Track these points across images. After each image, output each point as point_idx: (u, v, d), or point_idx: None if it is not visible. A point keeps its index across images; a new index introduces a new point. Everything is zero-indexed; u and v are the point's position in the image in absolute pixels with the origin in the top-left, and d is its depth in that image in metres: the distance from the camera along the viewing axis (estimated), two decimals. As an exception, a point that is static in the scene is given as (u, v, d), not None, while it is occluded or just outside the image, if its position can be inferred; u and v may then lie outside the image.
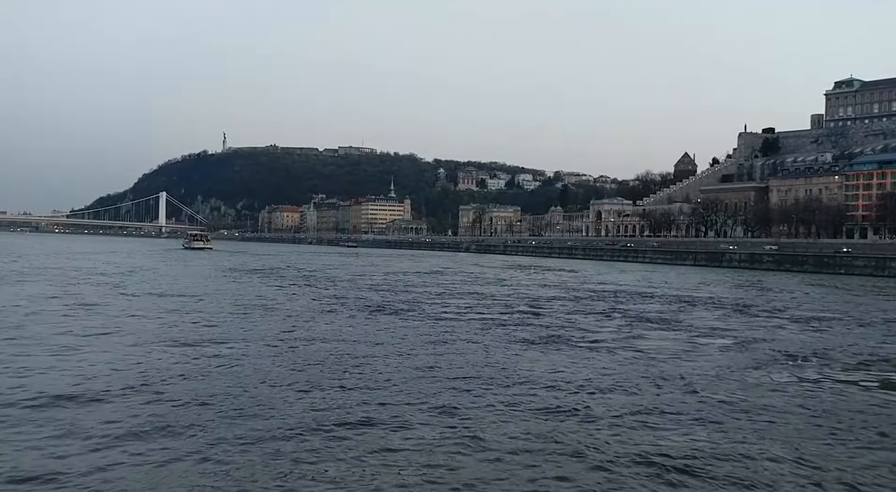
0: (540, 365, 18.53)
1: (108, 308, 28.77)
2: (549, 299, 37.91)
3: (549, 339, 23.13)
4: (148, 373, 16.01)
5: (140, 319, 25.64)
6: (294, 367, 17.37)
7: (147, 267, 64.89)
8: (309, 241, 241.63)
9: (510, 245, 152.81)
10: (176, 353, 18.76)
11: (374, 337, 22.82)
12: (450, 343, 21.82)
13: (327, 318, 27.73)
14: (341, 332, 23.81)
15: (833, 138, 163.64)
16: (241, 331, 23.46)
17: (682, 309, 34.73)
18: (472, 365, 18.21)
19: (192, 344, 20.29)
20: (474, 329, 25.20)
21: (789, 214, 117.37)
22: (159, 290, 38.94)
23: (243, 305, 31.58)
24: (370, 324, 26.18)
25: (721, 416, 13.61)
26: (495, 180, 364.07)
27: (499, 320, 28.01)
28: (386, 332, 24.07)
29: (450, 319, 27.97)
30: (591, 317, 30.01)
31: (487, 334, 23.96)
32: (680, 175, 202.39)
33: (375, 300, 35.53)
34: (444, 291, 43.10)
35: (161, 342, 20.38)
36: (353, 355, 19.19)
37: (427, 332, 24.37)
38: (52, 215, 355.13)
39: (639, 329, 26.56)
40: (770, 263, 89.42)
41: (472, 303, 35.15)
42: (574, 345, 22.09)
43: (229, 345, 20.35)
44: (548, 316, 29.76)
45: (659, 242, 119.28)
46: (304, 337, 22.40)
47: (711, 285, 54.71)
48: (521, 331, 24.95)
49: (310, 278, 53.32)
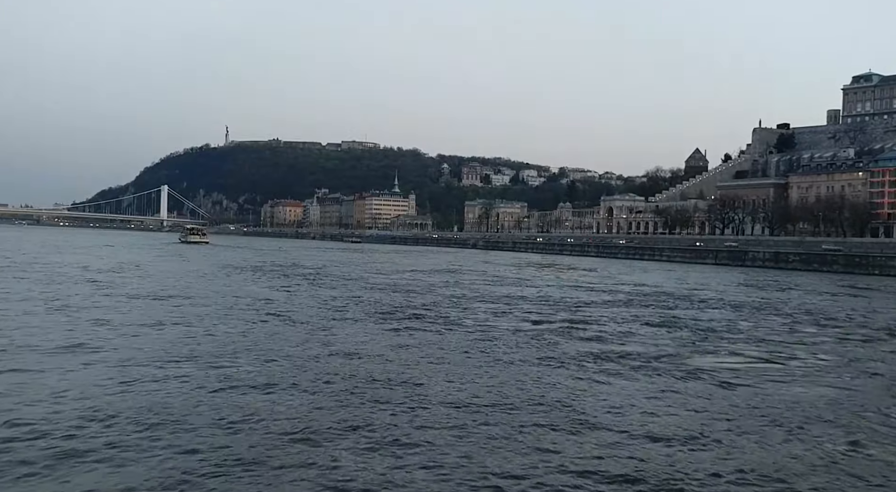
0: (611, 398, 14.35)
1: (83, 313, 24.52)
2: (586, 304, 33.67)
3: (608, 357, 18.93)
4: (116, 421, 11.75)
5: (118, 330, 21.41)
6: (319, 399, 13.24)
7: (140, 262, 60.62)
8: (312, 236, 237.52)
9: (519, 242, 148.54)
10: (159, 380, 14.54)
11: (404, 355, 18.63)
12: (494, 365, 17.63)
13: (345, 327, 23.48)
14: (365, 347, 19.60)
15: (851, 134, 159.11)
16: (244, 345, 19.27)
17: (742, 317, 30.52)
18: (527, 399, 14.01)
19: (183, 364, 16.10)
20: (516, 343, 21.00)
21: (811, 212, 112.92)
22: (149, 290, 34.68)
23: (244, 310, 27.36)
24: (395, 336, 21.98)
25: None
26: (499, 176, 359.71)
27: (540, 331, 23.81)
28: (417, 348, 19.86)
29: (484, 329, 23.77)
30: (645, 327, 25.80)
31: (533, 351, 19.78)
32: (691, 171, 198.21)
33: (394, 303, 31.33)
34: (466, 292, 38.89)
35: (140, 364, 16.16)
36: (387, 381, 15.08)
37: (463, 346, 20.19)
38: (54, 208, 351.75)
39: (712, 343, 22.34)
40: (796, 262, 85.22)
41: (501, 308, 30.92)
42: (643, 366, 17.89)
43: (230, 366, 16.17)
44: (594, 326, 25.52)
45: (683, 239, 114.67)
46: (321, 353, 18.22)
47: (754, 287, 50.40)
48: (571, 346, 20.76)
49: (316, 277, 49.12)
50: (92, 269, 49.36)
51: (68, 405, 12.24)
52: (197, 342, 19.28)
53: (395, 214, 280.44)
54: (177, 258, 71.91)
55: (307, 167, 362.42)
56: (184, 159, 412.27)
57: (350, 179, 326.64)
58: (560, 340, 21.96)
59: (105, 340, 19.29)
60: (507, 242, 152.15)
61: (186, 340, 19.53)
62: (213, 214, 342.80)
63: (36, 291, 31.93)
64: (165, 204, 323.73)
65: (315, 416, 12.20)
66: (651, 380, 16.40)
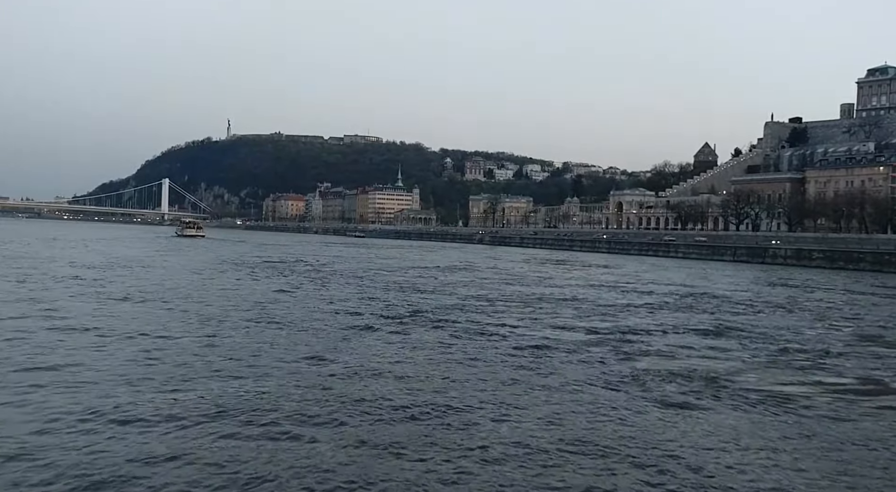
0: (709, 440, 11.30)
1: (57, 321, 21.23)
2: (622, 308, 30.35)
3: (676, 379, 15.71)
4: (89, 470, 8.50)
5: (83, 339, 18.12)
6: (359, 434, 10.24)
7: (131, 258, 57.36)
8: (314, 230, 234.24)
9: (527, 237, 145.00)
10: (144, 418, 11.30)
11: (442, 373, 15.49)
12: (549, 389, 14.41)
13: (364, 338, 20.16)
14: (393, 364, 16.38)
15: (867, 128, 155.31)
16: (249, 359, 16.06)
17: (802, 324, 27.19)
18: (603, 438, 10.96)
19: (171, 388, 12.87)
20: (564, 360, 17.74)
21: (831, 207, 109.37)
22: (133, 289, 31.33)
23: (240, 316, 24.09)
24: (425, 349, 18.71)
25: None
26: (503, 171, 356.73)
27: (584, 343, 20.54)
28: (454, 365, 16.62)
29: (521, 340, 20.51)
30: (700, 338, 22.51)
31: (584, 369, 16.62)
32: (700, 166, 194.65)
33: (413, 306, 28.05)
34: (487, 293, 35.59)
35: (98, 391, 12.89)
36: (432, 411, 12.13)
37: (504, 361, 17.03)
38: (55, 202, 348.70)
39: (786, 358, 19.04)
40: (820, 259, 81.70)
41: (533, 312, 27.65)
42: (723, 391, 14.71)
43: (231, 386, 12.95)
44: (642, 336, 22.17)
45: (706, 236, 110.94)
46: (342, 373, 15.08)
47: (790, 287, 46.99)
48: (627, 364, 17.54)
49: (322, 275, 45.86)
50: (79, 265, 46.19)
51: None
52: (180, 359, 16.00)
53: (399, 208, 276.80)
54: (170, 254, 68.57)
55: (309, 161, 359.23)
56: (185, 153, 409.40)
57: (352, 174, 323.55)
58: (610, 354, 18.69)
59: (66, 355, 15.99)
60: (514, 238, 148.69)
61: (164, 359, 16.24)
62: (215, 207, 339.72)
63: (3, 291, 28.62)
64: (166, 197, 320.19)
65: (361, 463, 9.15)
66: (742, 412, 13.24)
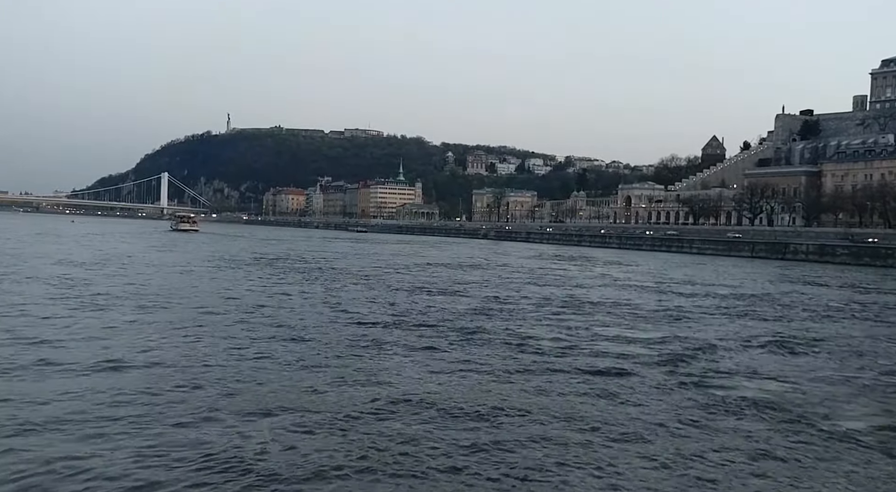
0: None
1: (25, 335, 17.87)
2: (669, 314, 26.92)
3: (762, 412, 12.46)
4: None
5: (71, 365, 14.78)
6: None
7: (124, 253, 54.00)
8: (315, 225, 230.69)
9: (534, 232, 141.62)
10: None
11: (486, 407, 12.07)
12: (638, 433, 11.07)
13: (386, 355, 16.70)
14: (422, 390, 13.01)
15: (882, 120, 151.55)
16: (251, 389, 12.70)
17: (883, 333, 23.89)
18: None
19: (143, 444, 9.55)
20: (634, 386, 14.36)
21: (850, 201, 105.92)
22: (117, 290, 27.98)
23: (237, 324, 20.70)
24: (457, 370, 15.33)
25: None
26: (505, 165, 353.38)
27: (645, 361, 17.20)
28: (499, 393, 13.22)
29: (572, 357, 17.16)
30: (776, 353, 19.19)
31: (663, 398, 13.31)
32: (708, 160, 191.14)
33: (430, 311, 24.70)
34: (509, 294, 32.22)
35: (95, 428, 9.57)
36: (480, 462, 8.75)
37: (567, 389, 13.64)
38: (54, 196, 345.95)
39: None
40: (845, 256, 78.34)
41: (568, 319, 24.27)
42: (830, 433, 11.44)
43: (220, 435, 9.61)
44: (708, 353, 18.63)
45: (720, 230, 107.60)
46: (361, 405, 11.68)
47: (848, 289, 43.51)
48: (703, 392, 14.24)
49: (326, 274, 42.45)
50: (67, 261, 42.88)
51: None
52: (154, 398, 12.61)
53: (401, 202, 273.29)
54: (162, 250, 65.08)
55: (310, 155, 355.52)
56: (185, 146, 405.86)
57: (353, 167, 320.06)
58: (682, 377, 15.32)
59: (22, 379, 12.63)
60: (520, 233, 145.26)
61: (164, 380, 12.86)
62: (215, 202, 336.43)
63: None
64: (165, 192, 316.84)
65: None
66: (862, 466, 9.92)
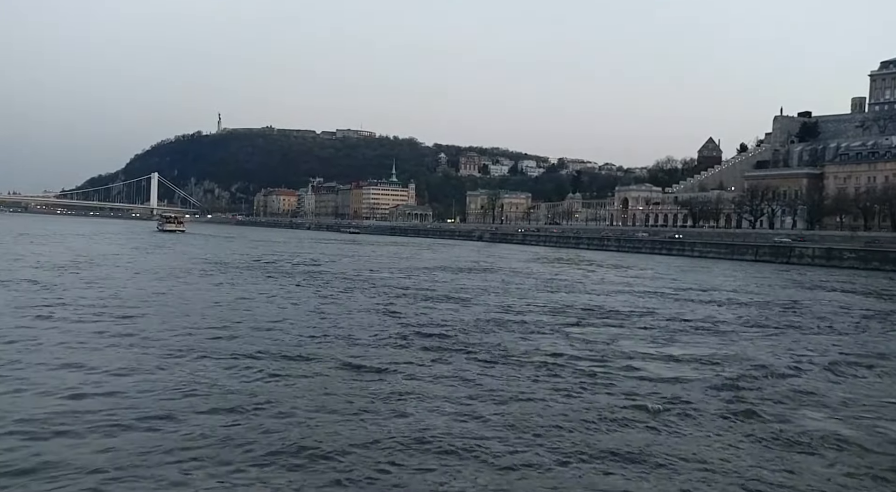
0: None
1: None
2: (704, 326, 24.32)
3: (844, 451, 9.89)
4: None
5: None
6: None
7: (105, 255, 51.14)
8: (307, 226, 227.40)
9: (530, 234, 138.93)
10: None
11: (529, 448, 9.41)
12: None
13: (388, 378, 14.09)
14: (445, 430, 10.33)
15: (881, 122, 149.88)
16: (242, 435, 10.01)
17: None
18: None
19: None
20: (703, 424, 11.77)
21: (855, 204, 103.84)
22: (88, 298, 25.22)
23: (223, 342, 17.97)
24: (487, 398, 12.72)
25: None
26: (498, 166, 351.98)
27: (700, 385, 14.61)
28: (541, 428, 10.57)
29: (611, 384, 14.55)
30: (835, 374, 16.65)
31: (735, 434, 10.65)
32: (704, 162, 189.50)
33: (437, 323, 22.04)
34: (520, 302, 29.59)
35: None
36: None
37: (620, 421, 11.02)
38: (43, 196, 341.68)
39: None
40: (853, 260, 76.07)
41: (593, 333, 21.67)
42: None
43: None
44: (776, 374, 16.15)
45: (724, 233, 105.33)
46: (380, 446, 9.04)
47: (875, 298, 41.01)
48: (790, 426, 11.64)
49: (319, 279, 39.69)
50: (42, 264, 40.03)
51: None
52: (144, 405, 9.91)
53: (394, 203, 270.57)
54: (148, 251, 62.17)
55: (301, 155, 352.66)
56: (175, 147, 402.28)
57: (345, 168, 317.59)
58: (752, 405, 12.74)
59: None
60: (515, 235, 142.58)
61: (123, 410, 10.16)
62: (205, 202, 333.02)
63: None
64: (155, 192, 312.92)
65: None
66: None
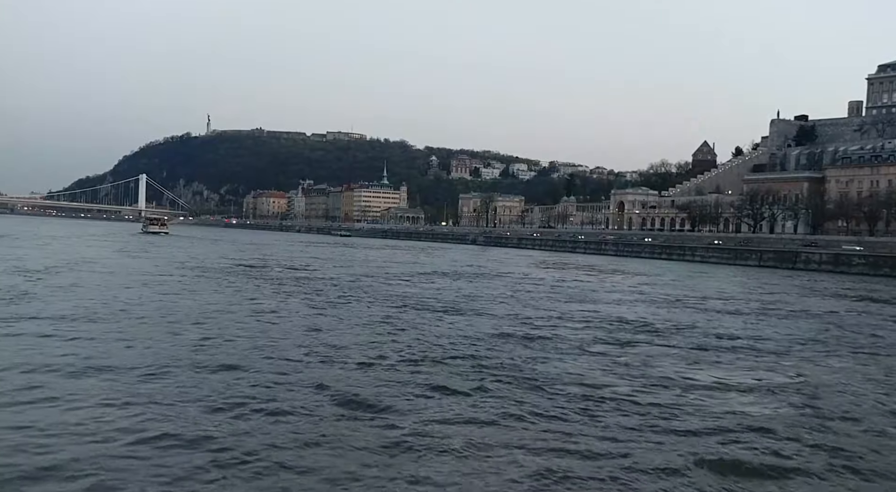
0: None
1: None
2: (756, 347, 21.79)
3: None
4: None
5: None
6: None
7: (85, 259, 48.09)
8: (297, 228, 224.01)
9: (525, 238, 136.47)
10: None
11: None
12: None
13: (409, 417, 11.33)
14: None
15: (879, 126, 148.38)
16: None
17: None
18: None
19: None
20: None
21: (858, 208, 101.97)
22: (54, 310, 22.33)
23: (199, 369, 15.16)
24: (521, 449, 10.00)
25: None
26: (489, 169, 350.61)
27: (791, 424, 11.93)
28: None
29: (672, 421, 11.89)
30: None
31: None
32: (700, 165, 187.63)
33: (451, 339, 19.30)
34: (538, 314, 26.91)
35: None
36: None
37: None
38: (29, 197, 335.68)
39: None
40: (862, 265, 73.92)
41: (631, 352, 19.01)
42: None
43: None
44: (872, 412, 13.56)
45: (730, 238, 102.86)
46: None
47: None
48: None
49: (311, 286, 36.84)
50: (15, 268, 36.95)
51: None
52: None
53: (386, 206, 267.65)
54: (130, 254, 59.10)
55: (291, 158, 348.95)
56: (164, 148, 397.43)
57: (336, 171, 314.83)
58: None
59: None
60: (510, 238, 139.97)
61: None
62: (194, 204, 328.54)
63: None
64: (143, 194, 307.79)
65: None
66: None
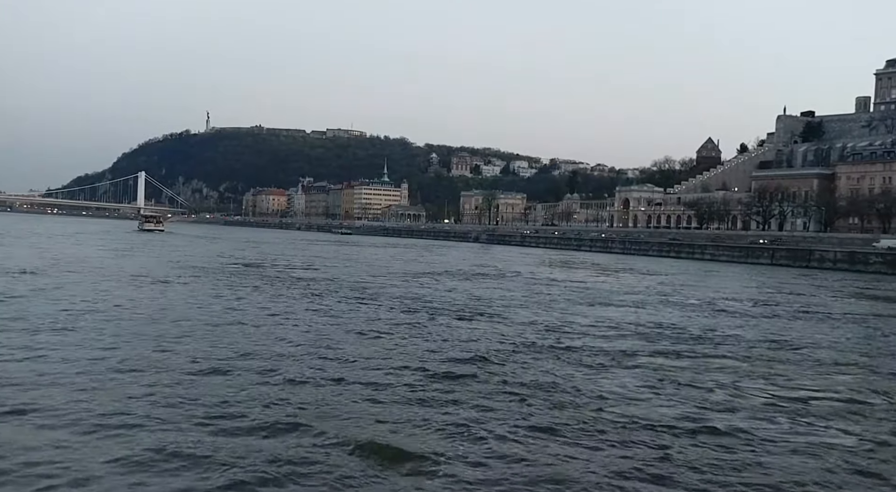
0: None
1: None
2: (816, 353, 19.78)
3: None
4: None
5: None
6: None
7: (77, 258, 46.18)
8: (297, 226, 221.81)
9: (529, 235, 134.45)
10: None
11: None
12: None
13: (434, 447, 9.35)
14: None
15: (888, 122, 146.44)
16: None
17: None
18: None
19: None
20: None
21: (871, 205, 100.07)
22: (33, 317, 20.34)
23: (189, 387, 13.14)
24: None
25: None
26: (490, 167, 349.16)
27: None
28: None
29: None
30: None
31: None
32: (704, 162, 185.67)
33: (471, 350, 17.27)
34: (559, 320, 24.92)
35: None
36: None
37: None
38: (28, 195, 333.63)
39: None
40: (879, 264, 71.85)
41: (678, 367, 17.00)
42: None
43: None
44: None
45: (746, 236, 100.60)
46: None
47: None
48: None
49: (315, 288, 34.81)
50: (3, 268, 35.00)
51: None
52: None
53: (387, 203, 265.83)
54: (124, 253, 57.07)
55: (291, 155, 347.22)
56: (163, 145, 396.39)
57: (336, 168, 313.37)
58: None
59: None
60: (514, 236, 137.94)
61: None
62: (193, 202, 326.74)
63: None
64: (142, 191, 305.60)
65: None
66: None
